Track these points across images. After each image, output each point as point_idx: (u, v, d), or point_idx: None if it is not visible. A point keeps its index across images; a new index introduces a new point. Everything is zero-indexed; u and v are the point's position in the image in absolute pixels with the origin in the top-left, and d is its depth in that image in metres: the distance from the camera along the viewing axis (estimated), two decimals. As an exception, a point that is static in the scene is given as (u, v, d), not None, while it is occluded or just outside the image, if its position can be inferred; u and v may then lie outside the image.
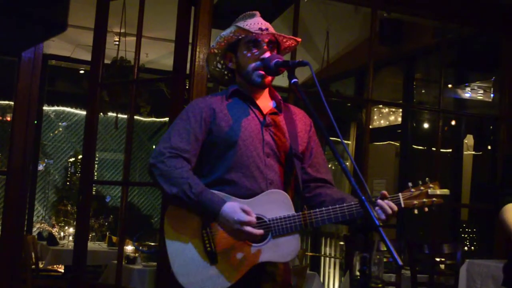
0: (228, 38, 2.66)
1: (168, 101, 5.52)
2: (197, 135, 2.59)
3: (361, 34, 7.86)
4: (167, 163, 2.51)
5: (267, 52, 2.63)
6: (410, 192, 2.53)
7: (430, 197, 2.53)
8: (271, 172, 2.61)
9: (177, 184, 2.47)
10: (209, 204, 2.46)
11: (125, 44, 7.73)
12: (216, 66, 2.78)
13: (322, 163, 2.78)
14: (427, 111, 8.75)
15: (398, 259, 1.90)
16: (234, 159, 2.56)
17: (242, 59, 2.66)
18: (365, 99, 6.42)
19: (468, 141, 8.85)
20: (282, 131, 2.68)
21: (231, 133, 2.58)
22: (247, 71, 2.64)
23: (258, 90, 2.70)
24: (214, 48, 2.72)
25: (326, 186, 2.73)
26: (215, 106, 2.64)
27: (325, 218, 2.50)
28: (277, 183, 2.61)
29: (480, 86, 8.11)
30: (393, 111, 9.31)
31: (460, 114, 8.13)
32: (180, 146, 2.55)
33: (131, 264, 5.70)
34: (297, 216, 2.51)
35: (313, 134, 2.79)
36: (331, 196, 2.66)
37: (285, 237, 2.51)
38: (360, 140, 8.64)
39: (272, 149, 2.63)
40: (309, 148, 2.75)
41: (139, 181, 10.03)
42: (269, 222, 2.50)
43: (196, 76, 4.69)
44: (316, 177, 2.73)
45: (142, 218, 9.86)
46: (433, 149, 6.41)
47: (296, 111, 2.79)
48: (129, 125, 5.49)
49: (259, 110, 2.67)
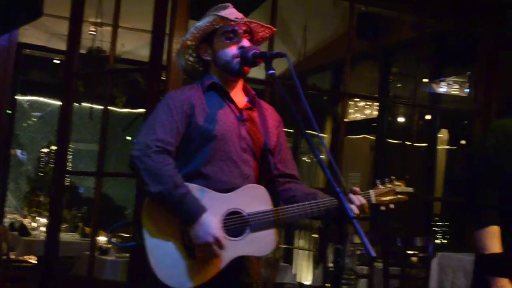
0: (204, 28, 2.65)
1: (144, 92, 5.50)
2: (179, 128, 2.57)
3: (339, 27, 7.87)
4: (154, 158, 2.46)
5: (245, 40, 2.63)
6: (380, 189, 2.59)
7: (397, 194, 2.59)
8: (247, 167, 2.61)
9: (162, 181, 2.43)
10: (190, 209, 2.43)
11: (101, 34, 7.68)
12: (188, 59, 2.76)
13: (290, 158, 2.80)
14: (402, 105, 8.83)
15: (371, 251, 1.92)
16: (211, 153, 2.56)
17: (220, 48, 2.65)
18: (341, 92, 6.46)
19: (442, 135, 8.94)
20: (257, 127, 2.69)
21: (209, 127, 2.57)
22: (226, 59, 2.63)
23: (234, 83, 2.69)
24: (188, 40, 2.70)
25: (294, 181, 2.75)
26: (194, 99, 2.63)
27: (302, 213, 2.53)
28: (253, 178, 2.62)
29: (455, 81, 8.17)
30: (369, 105, 9.36)
31: (435, 108, 8.19)
32: (166, 139, 2.52)
33: (104, 255, 5.67)
34: (273, 211, 2.53)
35: (282, 130, 2.81)
36: (302, 191, 2.69)
37: (262, 231, 2.51)
38: (336, 133, 8.70)
39: (248, 144, 2.63)
40: (279, 144, 2.76)
41: (114, 172, 9.99)
42: (247, 216, 2.51)
43: (172, 67, 4.67)
44: (285, 172, 2.75)
45: (116, 210, 9.82)
46: (408, 143, 6.47)
47: (266, 107, 2.80)
48: (104, 115, 5.45)
49: (234, 105, 2.67)
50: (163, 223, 2.50)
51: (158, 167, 2.45)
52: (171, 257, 2.47)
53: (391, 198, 2.58)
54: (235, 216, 2.51)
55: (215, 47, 2.67)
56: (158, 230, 2.49)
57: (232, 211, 2.52)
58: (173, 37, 4.71)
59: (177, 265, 2.46)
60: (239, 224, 2.51)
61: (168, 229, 2.49)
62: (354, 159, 8.69)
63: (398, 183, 2.60)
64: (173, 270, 2.46)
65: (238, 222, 2.50)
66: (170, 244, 2.48)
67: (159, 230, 2.49)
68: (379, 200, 2.57)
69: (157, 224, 2.50)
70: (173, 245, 2.48)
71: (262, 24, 2.73)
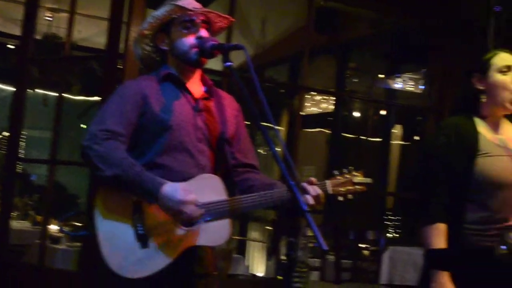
0: (162, 17, 2.61)
1: (99, 80, 5.44)
2: (131, 118, 2.54)
3: (298, 21, 7.88)
4: (103, 144, 2.44)
5: (203, 30, 2.61)
6: (337, 179, 2.55)
7: (355, 185, 2.56)
8: (203, 157, 2.59)
9: (116, 164, 2.41)
10: (150, 184, 2.41)
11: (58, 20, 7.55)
12: (145, 48, 2.72)
13: (249, 148, 2.78)
14: (358, 100, 8.90)
15: (324, 244, 1.93)
16: (166, 143, 2.53)
17: (178, 37, 2.61)
18: (298, 86, 6.47)
19: (396, 131, 9.05)
20: (213, 116, 2.66)
21: (164, 118, 2.54)
22: (184, 49, 2.60)
23: (191, 73, 2.67)
24: (145, 30, 2.66)
25: (253, 171, 2.73)
26: (147, 89, 2.59)
27: (256, 203, 2.51)
28: (209, 168, 2.60)
29: (411, 77, 8.28)
30: (325, 99, 9.42)
31: (390, 104, 8.28)
32: (115, 129, 2.49)
33: (55, 244, 5.59)
34: (228, 201, 2.51)
35: (241, 119, 2.78)
36: (260, 181, 2.66)
37: (217, 222, 2.49)
38: (292, 127, 8.71)
39: (204, 134, 2.61)
40: (237, 133, 2.74)
41: (67, 160, 9.86)
42: (202, 206, 2.47)
43: (129, 56, 4.60)
44: (244, 162, 2.73)
45: (68, 198, 9.69)
46: (363, 138, 6.53)
47: (225, 96, 2.78)
48: (59, 102, 5.37)
49: (190, 95, 2.65)
50: (116, 213, 2.47)
51: (108, 152, 2.43)
52: (123, 247, 2.44)
53: (349, 189, 2.55)
54: None
55: (173, 36, 2.64)
56: (110, 219, 2.46)
57: None
58: (130, 26, 4.66)
59: (129, 255, 2.43)
60: None
61: (121, 218, 2.46)
62: (310, 153, 8.73)
63: (356, 173, 2.57)
64: (125, 260, 2.43)
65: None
66: (123, 234, 2.45)
67: (112, 219, 2.47)
68: (336, 190, 2.53)
69: (109, 214, 2.47)
70: (125, 234, 2.45)
71: (220, 14, 2.70)
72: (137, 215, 2.46)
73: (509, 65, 2.84)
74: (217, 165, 2.65)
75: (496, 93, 2.84)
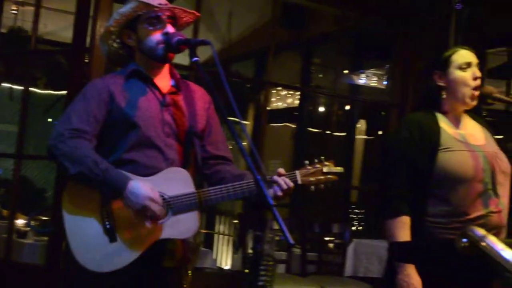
0: (127, 14, 2.60)
1: (66, 73, 5.38)
2: (97, 116, 2.54)
3: (263, 17, 7.87)
4: (68, 143, 2.45)
5: (169, 26, 2.60)
6: (307, 169, 2.55)
7: (326, 174, 2.55)
8: (172, 151, 2.58)
9: (81, 162, 2.41)
10: (115, 181, 2.42)
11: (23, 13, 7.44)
12: (112, 45, 2.71)
13: (221, 140, 2.78)
14: (323, 95, 8.94)
15: (290, 238, 1.94)
16: (134, 139, 2.53)
17: (144, 34, 2.60)
18: (264, 81, 6.48)
19: (360, 125, 9.11)
20: (181, 111, 2.65)
21: (131, 114, 2.53)
22: (151, 46, 2.59)
23: (159, 68, 2.66)
24: (111, 26, 2.64)
25: (225, 163, 2.74)
26: (113, 87, 2.59)
27: (225, 195, 2.51)
28: (178, 162, 2.59)
29: (374, 73, 8.34)
30: (290, 94, 9.44)
31: (354, 99, 8.34)
32: (80, 127, 2.50)
33: (22, 239, 5.53)
34: (196, 193, 2.51)
35: (212, 111, 2.77)
36: (231, 172, 2.67)
37: (184, 214, 2.49)
38: (258, 121, 8.72)
39: (172, 128, 2.60)
40: (209, 126, 2.74)
41: (34, 154, 9.74)
42: (169, 199, 2.48)
43: (95, 50, 4.59)
44: (216, 154, 2.73)
45: (35, 192, 9.57)
46: (327, 132, 6.56)
47: (196, 89, 2.77)
48: (25, 96, 5.31)
49: (158, 90, 2.64)
50: (84, 208, 2.47)
51: (73, 150, 2.44)
52: (91, 241, 2.43)
53: (319, 178, 2.54)
54: None
55: (139, 33, 2.62)
56: (78, 214, 2.46)
57: None
58: (97, 20, 4.63)
59: (98, 249, 2.42)
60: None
61: (89, 213, 2.46)
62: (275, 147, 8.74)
63: (327, 163, 2.57)
64: (93, 254, 2.42)
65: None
66: (91, 228, 2.44)
67: (80, 214, 2.46)
68: (306, 180, 2.54)
69: (77, 209, 2.47)
70: (93, 229, 2.44)
71: (185, 10, 2.69)
72: (104, 210, 2.45)
73: (468, 62, 2.89)
74: (186, 158, 2.64)
75: (457, 89, 2.89)
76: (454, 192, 2.74)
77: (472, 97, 2.88)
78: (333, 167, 2.58)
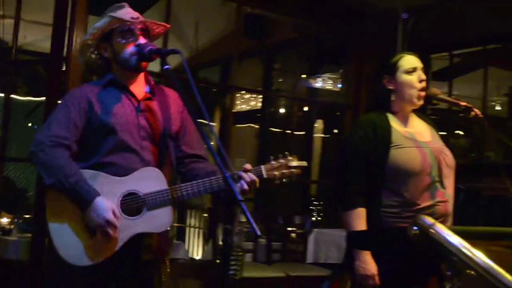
0: (102, 28, 2.59)
1: (44, 82, 5.32)
2: (77, 124, 2.53)
3: (228, 26, 7.87)
4: (47, 151, 2.44)
5: (141, 37, 2.59)
6: (271, 164, 2.56)
7: (290, 168, 2.56)
8: (147, 153, 2.59)
9: (54, 174, 2.42)
10: (83, 195, 2.42)
11: (3, 25, 7.29)
12: (90, 56, 2.69)
13: (195, 140, 2.77)
14: (284, 98, 8.96)
15: (257, 230, 1.94)
16: (112, 143, 2.52)
17: (118, 47, 2.60)
18: (229, 85, 6.48)
19: (318, 125, 9.16)
20: (156, 115, 2.65)
21: (108, 121, 2.53)
22: (124, 57, 2.58)
23: (134, 76, 2.66)
24: (88, 40, 2.64)
25: (199, 161, 2.74)
26: (91, 95, 2.59)
27: (195, 191, 2.51)
28: (153, 163, 2.60)
29: (330, 77, 8.39)
30: (254, 97, 9.44)
31: (312, 101, 8.38)
32: (60, 134, 2.49)
33: (6, 236, 5.44)
34: (169, 190, 2.51)
35: (186, 113, 2.76)
36: (204, 169, 2.68)
37: (158, 210, 2.50)
38: (224, 123, 8.72)
39: (147, 132, 2.61)
40: (183, 127, 2.74)
41: (15, 157, 9.61)
42: (143, 196, 2.49)
43: (72, 59, 4.58)
44: (190, 153, 2.73)
45: (18, 192, 9.43)
46: (288, 132, 6.58)
47: (170, 93, 2.77)
48: (6, 104, 5.24)
49: (134, 97, 2.64)
50: (65, 205, 2.45)
51: (49, 160, 2.44)
52: (73, 237, 2.42)
53: (284, 172, 2.55)
54: (132, 197, 2.49)
55: (114, 46, 2.62)
56: (60, 211, 2.45)
57: (129, 193, 2.49)
58: (73, 31, 4.62)
59: (79, 244, 2.42)
60: (136, 203, 2.49)
61: (70, 210, 2.45)
62: (240, 146, 8.75)
63: (291, 158, 2.58)
64: (74, 249, 2.42)
65: (135, 202, 2.48)
66: (72, 225, 2.44)
67: (62, 211, 2.45)
68: (271, 174, 2.54)
69: (59, 206, 2.46)
70: (74, 225, 2.44)
71: (156, 22, 2.70)
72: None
73: (414, 66, 2.94)
74: (161, 159, 2.65)
75: (404, 91, 2.93)
76: (404, 185, 2.78)
77: (419, 98, 2.93)
78: (297, 161, 2.59)
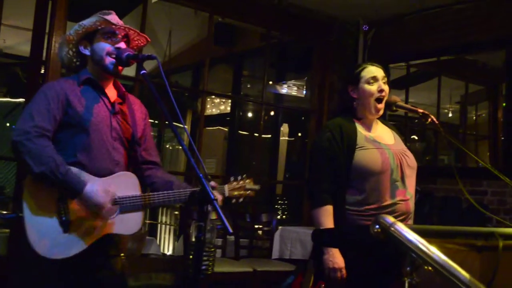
0: (88, 27, 2.56)
1: (23, 84, 5.23)
2: (56, 116, 2.47)
3: (199, 34, 7.85)
4: (35, 141, 2.36)
5: (122, 42, 2.57)
6: (233, 184, 2.66)
7: (246, 191, 2.68)
8: (118, 154, 2.58)
9: (45, 163, 2.34)
10: (73, 184, 2.38)
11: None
12: (68, 52, 2.65)
13: (153, 147, 2.79)
14: (251, 103, 8.96)
15: (229, 227, 1.93)
16: (85, 141, 2.49)
17: (99, 47, 2.57)
18: (200, 90, 6.45)
19: (284, 129, 9.19)
20: (126, 119, 2.65)
21: (84, 117, 2.49)
22: (102, 57, 2.55)
23: (107, 79, 2.63)
24: (71, 36, 2.59)
25: (155, 168, 2.76)
26: (69, 90, 2.53)
27: (166, 200, 2.54)
28: (122, 164, 2.60)
29: (295, 84, 8.43)
30: (223, 102, 9.44)
31: (278, 106, 8.40)
32: (44, 125, 2.42)
33: (-16, 232, 5.32)
34: (141, 196, 2.52)
35: (148, 122, 2.79)
36: (161, 178, 2.71)
37: (131, 213, 2.51)
38: (195, 125, 8.70)
39: (118, 134, 2.59)
40: (145, 134, 2.74)
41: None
42: (118, 199, 2.48)
43: (51, 62, 4.55)
44: (148, 159, 2.74)
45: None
46: (256, 135, 6.57)
47: (135, 101, 2.77)
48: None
49: (107, 99, 2.61)
50: (42, 200, 2.41)
51: (39, 149, 2.36)
52: (47, 232, 2.38)
53: (241, 193, 2.67)
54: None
55: (94, 43, 2.59)
56: (37, 206, 2.40)
57: None
58: (52, 36, 4.58)
59: (51, 238, 2.38)
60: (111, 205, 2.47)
61: (46, 205, 2.41)
62: (211, 148, 8.75)
63: (248, 180, 2.68)
64: (47, 243, 2.38)
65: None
66: (48, 220, 2.40)
67: (38, 206, 2.40)
68: (231, 194, 2.65)
69: (36, 201, 2.41)
70: (50, 220, 2.40)
71: (139, 33, 2.69)
72: (61, 204, 2.41)
73: (374, 76, 2.96)
74: (129, 161, 2.66)
75: (365, 100, 2.96)
76: (367, 184, 2.80)
77: (376, 109, 2.95)
78: (252, 184, 2.70)
